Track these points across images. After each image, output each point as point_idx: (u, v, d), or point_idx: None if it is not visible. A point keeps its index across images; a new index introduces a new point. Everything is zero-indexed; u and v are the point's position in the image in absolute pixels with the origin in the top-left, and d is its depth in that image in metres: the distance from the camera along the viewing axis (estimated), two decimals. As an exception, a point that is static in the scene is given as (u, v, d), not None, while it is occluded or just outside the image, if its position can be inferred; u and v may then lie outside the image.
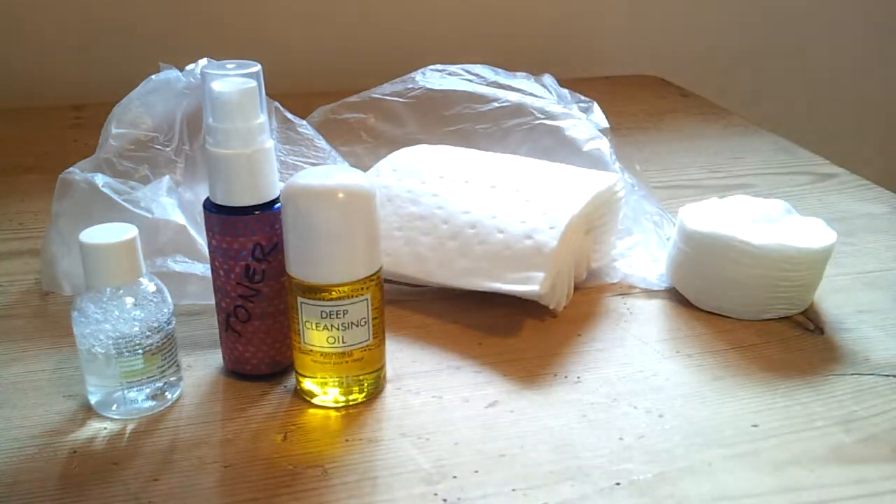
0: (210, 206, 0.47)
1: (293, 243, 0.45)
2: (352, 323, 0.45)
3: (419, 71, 0.75)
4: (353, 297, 0.44)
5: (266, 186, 0.46)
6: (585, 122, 0.70)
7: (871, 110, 1.36)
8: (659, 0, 1.22)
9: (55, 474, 0.42)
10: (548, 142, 0.69)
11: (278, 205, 0.46)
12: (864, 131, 1.36)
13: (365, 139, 0.75)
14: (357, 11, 1.11)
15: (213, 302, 0.57)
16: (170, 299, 0.46)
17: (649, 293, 0.60)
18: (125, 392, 0.45)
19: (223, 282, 0.47)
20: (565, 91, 0.75)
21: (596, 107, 0.73)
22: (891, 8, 1.30)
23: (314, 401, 0.47)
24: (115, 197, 0.57)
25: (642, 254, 0.64)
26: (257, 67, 0.46)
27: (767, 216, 0.58)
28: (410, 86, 0.74)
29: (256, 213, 0.46)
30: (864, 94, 1.35)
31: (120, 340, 0.44)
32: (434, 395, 0.48)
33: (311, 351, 0.46)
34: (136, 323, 0.44)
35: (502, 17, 1.16)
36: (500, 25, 1.16)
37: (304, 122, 0.70)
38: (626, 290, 0.61)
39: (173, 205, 0.59)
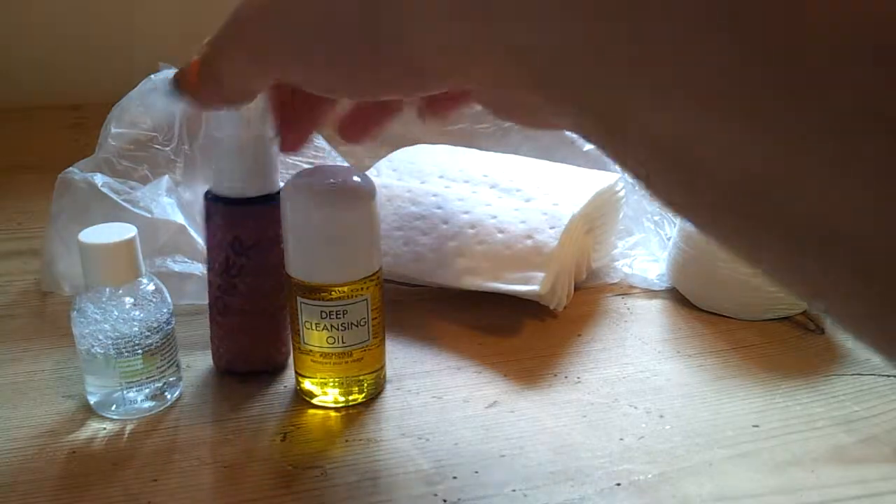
0: (207, 191, 0.47)
1: (293, 243, 0.44)
2: (351, 323, 0.45)
3: (419, 71, 0.75)
4: (352, 297, 0.44)
5: (254, 179, 0.45)
6: (585, 122, 0.70)
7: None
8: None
9: (54, 474, 0.42)
10: (548, 142, 0.69)
11: (274, 202, 0.46)
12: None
13: (365, 139, 0.75)
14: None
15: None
16: (169, 299, 0.46)
17: (649, 293, 0.60)
18: (124, 392, 0.45)
19: (209, 272, 0.48)
20: (565, 91, 0.75)
21: (596, 107, 0.73)
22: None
23: (314, 401, 0.47)
24: (114, 197, 0.57)
25: (642, 254, 0.63)
26: None
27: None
28: (410, 86, 0.74)
29: (240, 206, 0.46)
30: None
31: (119, 341, 0.44)
32: (434, 396, 0.48)
33: (311, 351, 0.46)
34: (135, 323, 0.44)
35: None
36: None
37: (304, 122, 0.70)
38: (626, 290, 0.61)
39: (172, 205, 0.59)
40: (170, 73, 0.64)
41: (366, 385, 0.47)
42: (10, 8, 1.02)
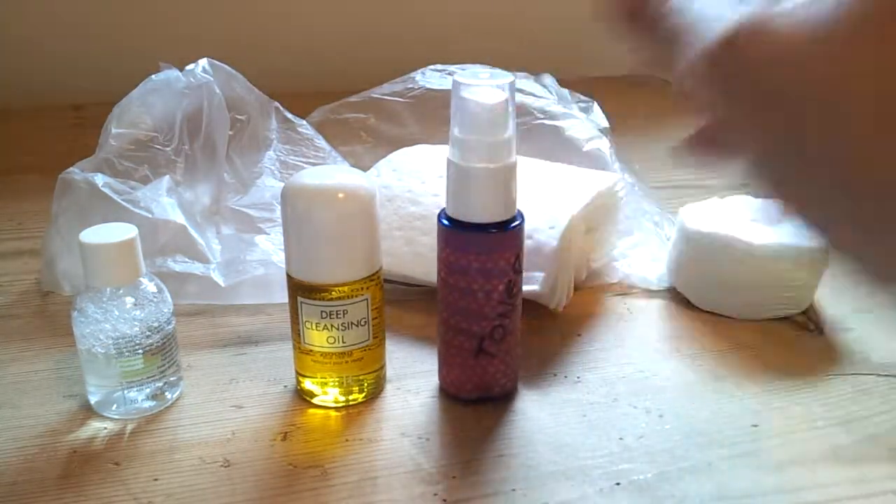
0: (469, 227, 0.44)
1: (293, 243, 0.45)
2: (352, 323, 0.45)
3: (419, 71, 0.75)
4: (353, 297, 0.44)
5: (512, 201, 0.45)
6: (585, 122, 0.70)
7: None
8: (659, 0, 1.22)
9: (55, 474, 0.42)
10: (548, 142, 0.69)
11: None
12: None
13: (365, 139, 0.75)
14: (357, 11, 1.11)
15: (212, 301, 0.57)
16: (170, 299, 0.46)
17: (649, 293, 0.60)
18: (125, 392, 0.45)
19: (481, 304, 0.45)
20: (565, 91, 0.75)
21: (596, 107, 0.73)
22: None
23: (314, 401, 0.47)
24: (115, 197, 0.57)
25: (642, 254, 0.63)
26: (511, 78, 0.42)
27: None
28: (410, 86, 0.74)
29: (515, 224, 0.44)
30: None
31: (120, 340, 0.44)
32: (434, 395, 0.48)
33: (311, 351, 0.46)
34: (136, 323, 0.44)
35: (502, 17, 1.16)
36: (500, 25, 1.16)
37: (304, 122, 0.70)
38: (626, 290, 0.61)
39: (173, 205, 0.59)
40: (170, 73, 0.65)
41: (366, 385, 0.47)
42: (10, 8, 1.02)
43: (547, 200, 0.57)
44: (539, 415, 0.47)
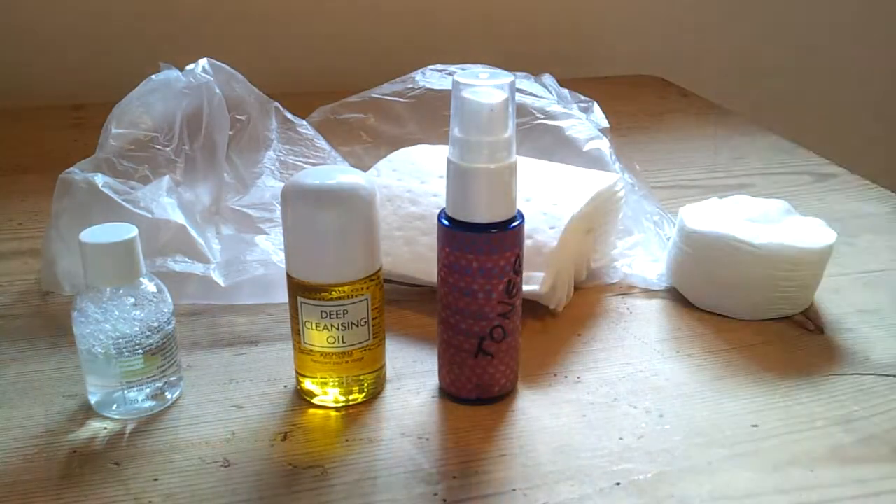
0: (469, 227, 0.44)
1: (293, 243, 0.45)
2: (352, 323, 0.45)
3: (419, 71, 0.75)
4: (353, 297, 0.44)
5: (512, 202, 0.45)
6: (585, 122, 0.70)
7: (871, 110, 1.36)
8: (659, 0, 1.22)
9: (55, 474, 0.42)
10: (548, 142, 0.69)
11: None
12: (864, 131, 1.36)
13: (365, 139, 0.75)
14: (357, 11, 1.11)
15: (212, 301, 0.57)
16: (170, 299, 0.46)
17: (649, 293, 0.60)
18: (125, 392, 0.45)
19: (481, 304, 0.45)
20: (565, 91, 0.75)
21: (596, 107, 0.73)
22: (891, 7, 1.30)
23: (314, 401, 0.47)
24: (115, 197, 0.57)
25: (642, 254, 0.64)
26: (511, 78, 0.43)
27: (767, 216, 0.58)
28: (410, 86, 0.74)
29: (515, 224, 0.44)
30: (864, 94, 1.35)
31: (120, 340, 0.44)
32: (434, 395, 0.48)
33: (312, 351, 0.46)
34: (136, 323, 0.44)
35: (502, 17, 1.16)
36: (500, 25, 1.16)
37: (304, 122, 0.70)
38: (626, 290, 0.61)
39: (173, 205, 0.59)
40: (170, 73, 0.65)
41: (366, 385, 0.47)
42: (10, 8, 1.02)
43: (547, 200, 0.57)
44: (539, 415, 0.47)
